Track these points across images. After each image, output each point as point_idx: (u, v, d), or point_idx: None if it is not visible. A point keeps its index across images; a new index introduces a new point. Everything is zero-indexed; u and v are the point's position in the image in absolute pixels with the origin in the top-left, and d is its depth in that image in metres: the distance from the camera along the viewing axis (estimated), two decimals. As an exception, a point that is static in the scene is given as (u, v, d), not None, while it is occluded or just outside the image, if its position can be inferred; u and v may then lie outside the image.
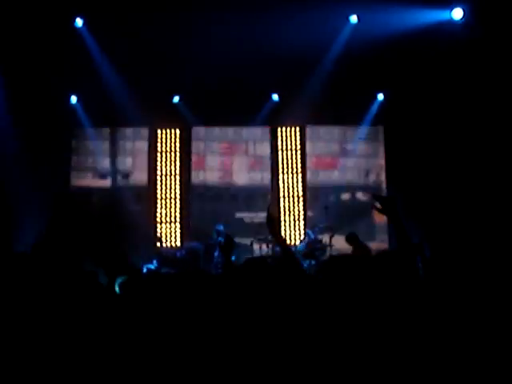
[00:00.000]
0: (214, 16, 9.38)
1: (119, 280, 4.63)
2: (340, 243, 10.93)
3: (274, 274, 3.60)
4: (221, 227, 10.71)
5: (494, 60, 9.34)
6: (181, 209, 12.46)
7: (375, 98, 11.98)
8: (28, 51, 9.83)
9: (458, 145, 10.50)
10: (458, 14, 9.58)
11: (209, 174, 12.57)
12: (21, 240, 9.46)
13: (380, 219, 11.61)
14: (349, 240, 9.82)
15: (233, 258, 9.77)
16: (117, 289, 4.56)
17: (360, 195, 12.37)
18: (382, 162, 12.34)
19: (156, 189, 12.50)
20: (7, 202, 10.49)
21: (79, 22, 9.95)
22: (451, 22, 9.63)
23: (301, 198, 12.44)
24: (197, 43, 9.97)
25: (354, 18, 10.04)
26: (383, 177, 12.31)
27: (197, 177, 12.54)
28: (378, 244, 11.35)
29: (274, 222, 4.23)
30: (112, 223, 11.46)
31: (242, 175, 12.56)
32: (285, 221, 12.30)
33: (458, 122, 10.36)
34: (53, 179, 11.36)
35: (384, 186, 12.24)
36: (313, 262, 10.18)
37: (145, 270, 10.12)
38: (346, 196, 12.39)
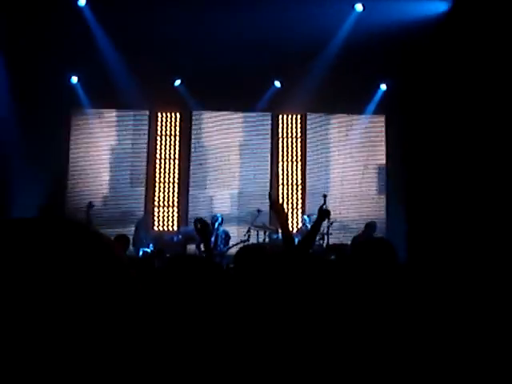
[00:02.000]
0: (215, 1, 9.32)
1: None
2: (337, 232, 10.98)
3: (271, 264, 3.57)
4: (218, 215, 10.62)
5: (498, 51, 9.27)
6: (179, 193, 12.44)
7: (378, 87, 11.93)
8: (29, 30, 9.75)
9: (460, 136, 10.45)
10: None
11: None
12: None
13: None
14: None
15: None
16: None
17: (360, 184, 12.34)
18: (383, 151, 12.31)
19: (155, 172, 12.47)
20: (6, 180, 10.48)
21: (82, 1, 9.87)
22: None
23: (299, 186, 12.41)
24: (200, 27, 9.89)
25: (359, 7, 9.97)
26: (383, 165, 12.29)
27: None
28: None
29: (281, 210, 4.20)
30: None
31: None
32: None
33: (461, 113, 10.30)
34: (51, 162, 11.33)
35: (385, 174, 12.22)
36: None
37: (141, 253, 10.14)
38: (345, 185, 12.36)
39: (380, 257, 3.17)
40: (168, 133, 12.60)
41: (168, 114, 12.62)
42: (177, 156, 12.56)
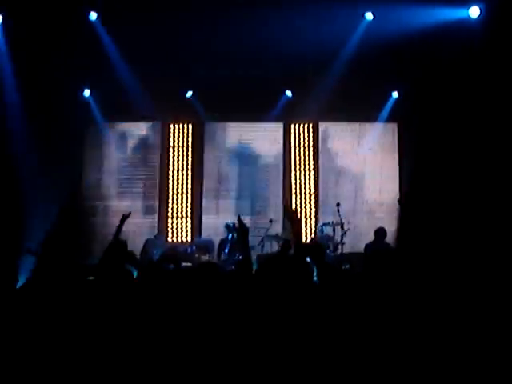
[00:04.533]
0: (229, 11, 9.34)
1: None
2: (351, 240, 10.94)
3: (285, 274, 3.58)
4: (231, 223, 10.66)
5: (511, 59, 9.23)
6: (192, 204, 12.46)
7: (390, 95, 11.91)
8: (42, 44, 9.82)
9: (472, 144, 10.40)
10: (475, 11, 9.48)
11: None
12: (32, 237, 9.46)
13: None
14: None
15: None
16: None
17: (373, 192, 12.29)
18: (396, 159, 12.27)
19: (168, 183, 12.51)
20: (18, 198, 10.53)
21: (93, 15, 9.94)
22: (468, 20, 9.53)
23: (313, 196, 12.40)
24: (211, 38, 9.92)
25: (369, 15, 9.97)
26: (396, 174, 12.24)
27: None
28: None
29: (295, 218, 4.20)
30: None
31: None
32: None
33: (473, 122, 10.25)
34: (65, 175, 11.38)
35: (397, 182, 12.18)
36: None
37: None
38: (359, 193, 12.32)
39: (386, 267, 3.18)
40: (180, 144, 12.65)
41: (180, 126, 12.68)
42: (189, 167, 12.60)
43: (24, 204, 10.62)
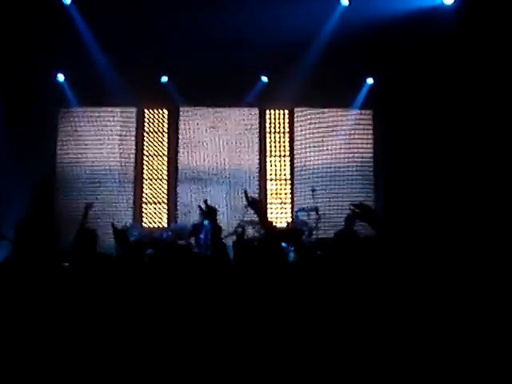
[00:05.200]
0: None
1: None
2: (327, 226, 11.02)
3: (261, 258, 3.60)
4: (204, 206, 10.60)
5: (485, 45, 9.32)
6: (168, 190, 12.43)
7: (364, 82, 11.95)
8: (15, 27, 9.68)
9: (447, 130, 10.50)
10: (449, -2, 9.56)
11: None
12: (5, 223, 9.37)
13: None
14: None
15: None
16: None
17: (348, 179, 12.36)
18: (370, 145, 12.35)
19: (143, 169, 12.45)
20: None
21: (68, -1, 9.82)
22: (442, 7, 9.60)
23: (288, 181, 12.44)
24: (186, 23, 9.86)
25: (345, 1, 9.97)
26: (371, 160, 12.32)
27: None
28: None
29: (257, 205, 4.23)
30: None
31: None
32: (272, 204, 12.31)
33: (448, 108, 10.35)
34: (39, 160, 11.26)
35: (372, 168, 12.26)
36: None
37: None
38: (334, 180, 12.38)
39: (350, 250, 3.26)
40: (156, 129, 12.59)
41: (155, 111, 12.61)
42: (165, 153, 12.55)
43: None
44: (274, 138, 12.53)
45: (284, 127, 12.55)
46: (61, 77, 11.75)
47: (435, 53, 9.91)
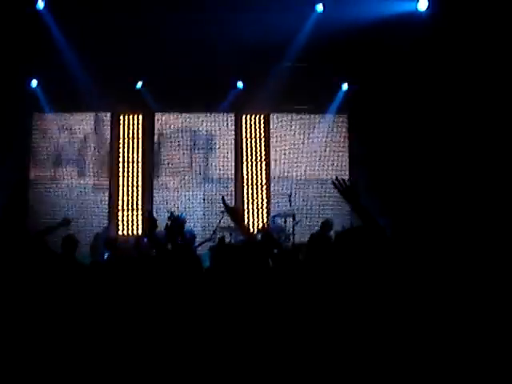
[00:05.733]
0: (179, 0, 9.28)
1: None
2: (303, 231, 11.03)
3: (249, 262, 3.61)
4: (182, 215, 10.55)
5: (458, 50, 9.44)
6: (143, 196, 12.34)
7: (340, 87, 12.01)
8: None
9: (421, 135, 10.60)
10: (423, 4, 9.66)
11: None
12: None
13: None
14: None
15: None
16: None
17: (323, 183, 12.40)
18: (346, 150, 12.41)
19: (118, 175, 12.34)
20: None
21: (41, 3, 9.72)
22: (416, 13, 9.70)
23: (264, 187, 12.43)
24: (161, 28, 9.83)
25: (319, 7, 10.03)
26: (346, 165, 12.38)
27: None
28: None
29: (234, 211, 4.23)
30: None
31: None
32: (248, 209, 12.30)
33: (422, 113, 10.46)
34: (11, 166, 11.15)
35: (347, 173, 12.31)
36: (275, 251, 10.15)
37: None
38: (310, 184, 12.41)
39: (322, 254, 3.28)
40: (130, 135, 12.48)
41: (130, 117, 12.51)
42: (140, 159, 12.47)
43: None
44: (250, 143, 12.52)
45: (260, 132, 12.55)
46: (34, 82, 11.62)
47: (409, 58, 10.01)
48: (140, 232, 12.06)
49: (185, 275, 3.52)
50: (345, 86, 11.99)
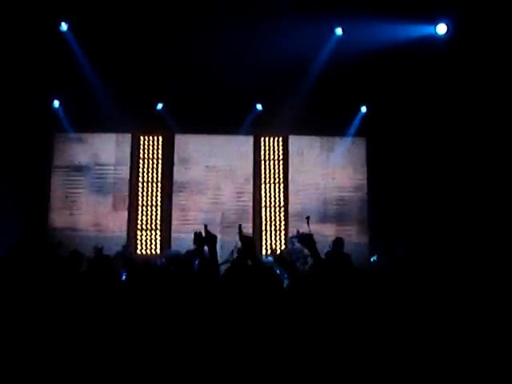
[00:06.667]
0: (199, 24, 9.39)
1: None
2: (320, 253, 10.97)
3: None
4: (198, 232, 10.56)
5: (475, 74, 9.44)
6: (161, 216, 12.41)
7: (359, 109, 12.05)
8: (12, 53, 9.74)
9: (440, 158, 10.58)
10: (441, 29, 9.69)
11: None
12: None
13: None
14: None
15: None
16: None
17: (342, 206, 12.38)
18: (365, 173, 12.41)
19: (137, 196, 12.44)
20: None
21: (64, 26, 9.90)
22: (435, 37, 9.73)
23: (282, 208, 12.45)
24: (182, 51, 9.95)
25: (339, 31, 10.10)
26: (365, 186, 12.37)
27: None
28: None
29: (248, 241, 4.26)
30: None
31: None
32: (266, 230, 12.31)
33: (440, 136, 10.45)
34: (34, 184, 11.29)
35: (366, 194, 12.30)
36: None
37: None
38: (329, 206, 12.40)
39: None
40: (150, 156, 12.61)
41: (150, 138, 12.64)
42: (159, 179, 12.56)
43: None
44: (269, 165, 12.57)
45: (279, 154, 12.60)
46: (56, 103, 11.80)
47: (428, 81, 10.03)
48: (158, 251, 12.12)
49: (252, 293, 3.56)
50: (363, 109, 12.03)
